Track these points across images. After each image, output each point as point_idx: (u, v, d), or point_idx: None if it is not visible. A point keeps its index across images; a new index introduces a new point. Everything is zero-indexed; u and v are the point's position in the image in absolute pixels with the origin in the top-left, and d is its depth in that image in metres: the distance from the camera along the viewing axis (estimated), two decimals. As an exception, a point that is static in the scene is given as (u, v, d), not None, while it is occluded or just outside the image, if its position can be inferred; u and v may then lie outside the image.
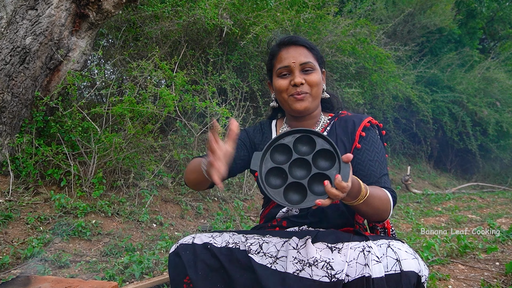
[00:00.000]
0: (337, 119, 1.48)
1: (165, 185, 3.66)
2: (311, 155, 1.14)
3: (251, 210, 3.96)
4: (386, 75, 6.31)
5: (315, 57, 1.45)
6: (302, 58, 1.41)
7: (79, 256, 2.46)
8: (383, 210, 1.24)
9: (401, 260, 1.05)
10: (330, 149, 1.12)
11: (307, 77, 1.39)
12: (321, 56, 1.51)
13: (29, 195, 2.88)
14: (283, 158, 1.18)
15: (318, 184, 1.10)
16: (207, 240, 1.27)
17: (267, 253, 1.20)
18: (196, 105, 3.41)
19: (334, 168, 1.10)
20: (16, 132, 3.01)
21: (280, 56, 1.45)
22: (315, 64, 1.43)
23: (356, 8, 7.11)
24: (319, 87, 1.42)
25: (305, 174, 1.14)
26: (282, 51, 1.45)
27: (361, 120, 1.42)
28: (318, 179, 1.10)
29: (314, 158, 1.14)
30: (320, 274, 1.09)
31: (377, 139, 1.41)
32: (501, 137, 8.83)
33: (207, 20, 3.83)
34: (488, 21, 11.01)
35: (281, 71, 1.42)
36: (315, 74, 1.41)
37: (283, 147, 1.19)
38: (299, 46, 1.44)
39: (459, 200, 6.10)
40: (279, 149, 1.19)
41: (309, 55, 1.43)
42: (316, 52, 1.47)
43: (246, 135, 1.56)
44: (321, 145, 1.14)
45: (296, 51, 1.43)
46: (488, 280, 2.25)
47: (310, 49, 1.45)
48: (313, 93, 1.40)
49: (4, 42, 2.94)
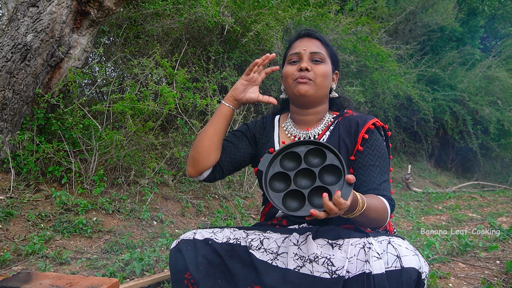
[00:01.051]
0: (341, 118, 1.46)
1: (165, 183, 3.66)
2: (318, 168, 1.15)
3: (252, 208, 3.96)
4: (387, 74, 6.29)
5: (328, 53, 1.45)
6: (313, 48, 1.41)
7: (80, 253, 2.47)
8: (379, 219, 1.23)
9: (401, 257, 1.05)
10: (339, 166, 1.13)
11: (314, 66, 1.39)
12: (336, 55, 1.51)
13: (30, 192, 2.88)
14: (291, 165, 1.20)
15: (319, 197, 1.10)
16: (208, 235, 1.27)
17: (267, 249, 1.21)
18: (197, 102, 3.41)
19: (337, 185, 1.11)
20: (17, 129, 3.01)
21: (294, 45, 1.46)
22: (326, 58, 1.42)
23: (358, 6, 7.08)
24: (325, 80, 1.40)
25: (309, 185, 1.15)
26: (297, 41, 1.47)
27: (365, 122, 1.39)
28: (320, 192, 1.11)
29: (321, 171, 1.15)
30: (320, 271, 1.09)
31: (381, 142, 1.38)
32: (502, 135, 8.80)
33: (209, 18, 3.82)
34: (490, 19, 10.97)
35: (291, 57, 1.43)
36: (324, 65, 1.40)
37: (294, 155, 1.20)
38: (314, 39, 1.45)
39: (459, 198, 6.10)
40: (289, 156, 1.21)
41: (321, 48, 1.43)
42: (330, 50, 1.47)
43: (247, 127, 1.57)
44: (331, 160, 1.15)
45: (310, 41, 1.44)
46: (489, 278, 2.25)
47: (325, 45, 1.46)
48: (317, 82, 1.38)
49: (5, 39, 2.94)
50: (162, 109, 3.23)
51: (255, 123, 1.59)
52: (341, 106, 1.55)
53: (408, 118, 7.98)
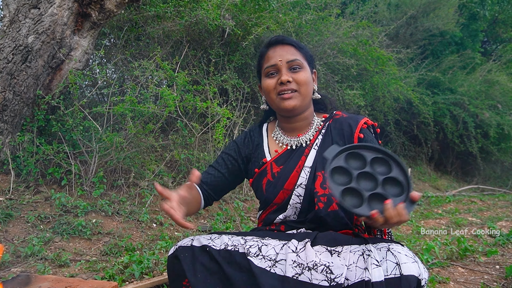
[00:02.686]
0: (331, 121, 1.46)
1: (165, 185, 3.66)
2: (383, 176, 1.16)
3: (251, 211, 3.96)
4: (387, 77, 6.30)
5: (304, 56, 1.42)
6: (288, 56, 1.38)
7: (79, 255, 2.47)
8: None
9: (401, 264, 1.04)
10: (403, 181, 1.14)
11: (294, 76, 1.37)
12: (311, 55, 1.49)
13: (30, 194, 2.88)
14: (356, 165, 1.20)
15: (375, 203, 1.11)
16: (206, 242, 1.26)
17: (266, 256, 1.20)
18: (197, 105, 3.41)
19: (400, 198, 1.11)
20: (17, 130, 3.01)
21: (268, 55, 1.43)
22: (304, 63, 1.40)
23: (358, 10, 7.10)
24: (308, 86, 1.39)
25: (370, 188, 1.15)
26: (269, 51, 1.43)
27: (357, 122, 1.41)
28: (375, 199, 1.12)
29: (385, 180, 1.16)
30: (319, 278, 1.08)
31: (373, 140, 1.41)
32: (502, 139, 8.80)
33: (209, 21, 3.83)
34: (490, 23, 10.99)
35: (268, 70, 1.40)
36: (303, 72, 1.38)
37: (361, 157, 1.20)
38: (286, 45, 1.42)
39: (459, 202, 6.09)
40: (356, 157, 1.21)
41: (296, 53, 1.41)
42: (304, 51, 1.44)
43: (237, 148, 1.54)
44: (396, 174, 1.15)
45: (283, 49, 1.40)
46: (488, 283, 2.25)
47: (298, 48, 1.43)
48: (301, 91, 1.37)
49: (6, 41, 2.95)
50: (162, 111, 3.24)
51: (243, 139, 1.56)
52: (324, 105, 1.54)
53: (408, 121, 7.98)
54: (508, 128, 8.28)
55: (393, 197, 1.10)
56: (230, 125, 4.10)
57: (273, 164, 1.43)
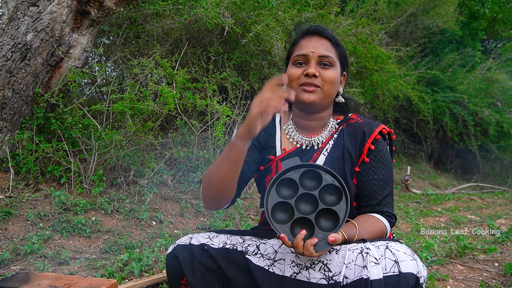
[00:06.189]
0: (345, 125, 1.39)
1: (165, 183, 3.66)
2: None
3: (251, 209, 3.96)
4: (387, 75, 6.29)
5: (338, 55, 1.36)
6: (322, 50, 1.31)
7: (78, 253, 2.47)
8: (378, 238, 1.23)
9: (399, 262, 1.04)
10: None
11: (322, 72, 1.30)
12: (346, 56, 1.41)
13: (29, 192, 2.88)
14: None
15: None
16: (204, 241, 1.26)
17: (264, 254, 1.20)
18: (196, 103, 3.41)
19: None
20: (16, 128, 3.01)
21: (301, 44, 1.35)
22: (336, 62, 1.33)
23: (358, 7, 7.09)
24: (333, 86, 1.32)
25: (312, 209, 1.12)
26: (304, 39, 1.35)
27: (371, 131, 1.33)
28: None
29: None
30: (317, 277, 1.08)
31: (386, 152, 1.34)
32: (501, 137, 8.81)
33: (209, 20, 3.82)
34: (490, 22, 10.98)
35: (297, 58, 1.33)
36: (332, 71, 1.31)
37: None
38: (323, 38, 1.35)
39: (459, 200, 6.10)
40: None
41: (331, 50, 1.34)
42: (340, 50, 1.37)
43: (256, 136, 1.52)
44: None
45: (319, 42, 1.33)
46: (487, 280, 2.26)
47: (334, 45, 1.36)
48: (325, 89, 1.30)
49: (5, 39, 2.94)
50: (162, 109, 3.23)
51: None
52: (346, 108, 1.47)
53: (408, 119, 7.99)
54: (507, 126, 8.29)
55: (320, 230, 1.08)
56: (230, 123, 4.10)
57: (279, 163, 1.37)
